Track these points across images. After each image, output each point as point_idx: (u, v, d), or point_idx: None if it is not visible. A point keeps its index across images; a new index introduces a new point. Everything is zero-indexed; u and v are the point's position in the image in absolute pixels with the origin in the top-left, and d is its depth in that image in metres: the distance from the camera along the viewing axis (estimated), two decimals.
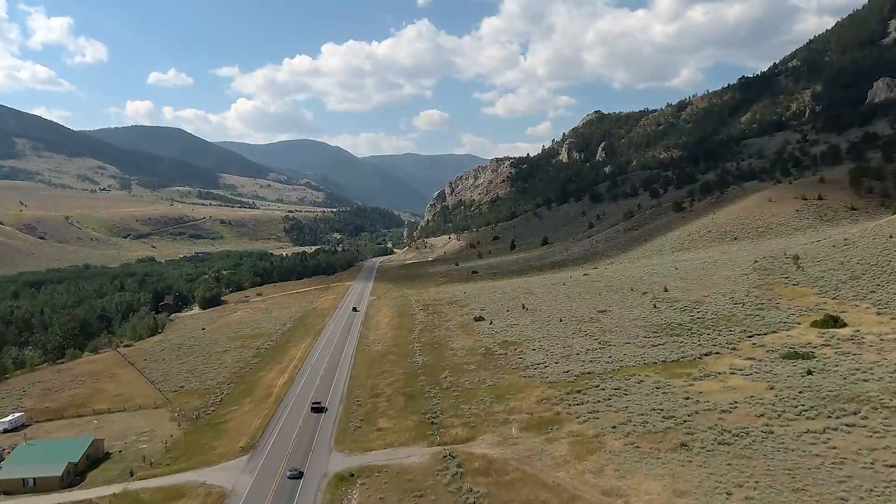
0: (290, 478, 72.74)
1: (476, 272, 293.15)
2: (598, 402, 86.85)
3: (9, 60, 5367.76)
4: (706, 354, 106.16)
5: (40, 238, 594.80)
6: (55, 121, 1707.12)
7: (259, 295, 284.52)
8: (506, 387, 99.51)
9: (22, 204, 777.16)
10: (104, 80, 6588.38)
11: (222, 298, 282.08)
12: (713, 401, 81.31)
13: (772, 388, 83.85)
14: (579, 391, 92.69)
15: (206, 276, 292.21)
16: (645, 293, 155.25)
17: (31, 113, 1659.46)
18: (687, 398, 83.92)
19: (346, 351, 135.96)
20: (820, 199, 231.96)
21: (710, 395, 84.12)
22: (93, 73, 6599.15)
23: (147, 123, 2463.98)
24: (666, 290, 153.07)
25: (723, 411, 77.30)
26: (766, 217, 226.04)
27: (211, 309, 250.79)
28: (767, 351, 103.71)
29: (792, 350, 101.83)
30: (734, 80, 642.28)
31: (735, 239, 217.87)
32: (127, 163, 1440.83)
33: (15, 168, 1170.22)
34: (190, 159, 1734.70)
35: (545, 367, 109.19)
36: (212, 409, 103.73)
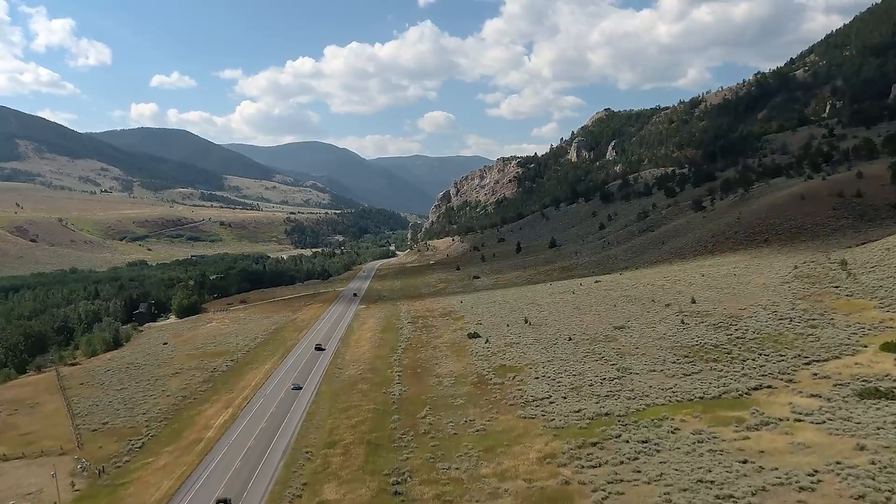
0: None
1: (477, 277, 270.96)
2: (621, 463, 64.15)
3: (12, 63, 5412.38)
4: (755, 389, 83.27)
5: (31, 241, 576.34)
6: (61, 123, 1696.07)
7: (243, 302, 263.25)
8: (499, 433, 76.95)
9: (18, 206, 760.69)
10: (108, 82, 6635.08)
11: (203, 306, 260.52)
12: (783, 468, 58.36)
13: (861, 448, 60.84)
14: (595, 443, 70.03)
15: (184, 283, 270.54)
16: (668, 305, 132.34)
17: (36, 115, 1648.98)
18: (744, 461, 60.96)
19: (313, 376, 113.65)
20: (858, 196, 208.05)
21: (775, 457, 61.25)
22: (96, 75, 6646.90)
23: (152, 126, 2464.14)
24: (693, 302, 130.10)
25: (802, 488, 54.33)
26: (799, 216, 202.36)
27: (186, 319, 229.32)
28: (835, 385, 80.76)
29: (868, 385, 78.81)
30: (744, 78, 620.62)
31: (765, 241, 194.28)
32: (131, 165, 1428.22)
33: (16, 170, 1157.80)
34: (196, 161, 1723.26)
35: (550, 402, 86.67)
36: (125, 459, 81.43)
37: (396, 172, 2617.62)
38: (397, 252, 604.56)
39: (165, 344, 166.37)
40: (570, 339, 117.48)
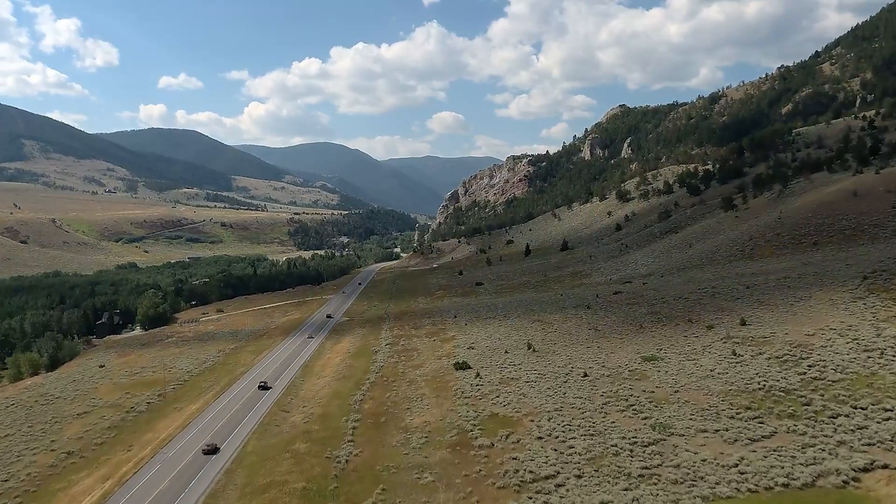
0: None
1: (480, 284, 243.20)
2: None
3: (20, 64, 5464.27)
4: (865, 470, 55.32)
5: (22, 242, 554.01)
6: (70, 124, 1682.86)
7: (220, 311, 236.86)
8: None
9: (15, 206, 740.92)
10: (115, 83, 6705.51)
11: (176, 315, 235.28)
12: None
13: None
14: None
15: (154, 290, 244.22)
16: (711, 327, 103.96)
17: (43, 115, 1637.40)
18: None
19: (247, 423, 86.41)
20: None
21: None
22: (104, 76, 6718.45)
23: (162, 126, 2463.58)
24: (744, 324, 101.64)
25: None
26: (853, 215, 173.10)
27: (150, 331, 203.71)
28: None
29: None
30: (766, 72, 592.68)
31: (815, 244, 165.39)
32: (138, 165, 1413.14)
33: (20, 170, 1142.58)
34: (206, 162, 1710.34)
35: (557, 485, 59.07)
36: None
37: (408, 173, 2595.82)
38: (402, 254, 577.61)
39: (102, 366, 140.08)
40: (586, 376, 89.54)
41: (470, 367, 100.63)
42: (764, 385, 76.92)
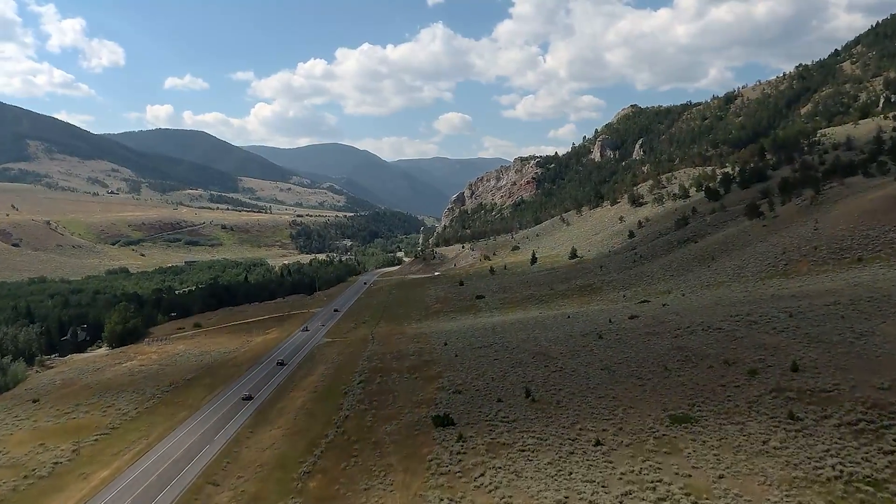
0: None
1: (482, 297, 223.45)
2: None
3: (27, 64, 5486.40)
4: None
5: (14, 245, 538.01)
6: (77, 125, 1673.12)
7: (197, 326, 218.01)
8: None
9: (13, 207, 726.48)
10: (121, 83, 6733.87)
11: (151, 330, 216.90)
12: None
13: None
14: None
15: (123, 302, 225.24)
16: (754, 373, 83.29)
17: (49, 115, 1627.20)
18: None
19: None
20: None
21: None
22: (110, 76, 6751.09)
23: (169, 127, 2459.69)
24: (796, 369, 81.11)
25: None
26: None
27: (116, 350, 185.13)
28: None
29: None
30: (784, 71, 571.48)
31: (859, 259, 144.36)
32: (144, 166, 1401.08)
33: (24, 170, 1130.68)
34: (213, 163, 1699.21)
35: None
36: None
37: (417, 175, 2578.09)
38: (405, 258, 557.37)
39: (35, 401, 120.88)
40: (599, 444, 69.35)
41: (453, 424, 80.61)
42: (841, 471, 56.60)
